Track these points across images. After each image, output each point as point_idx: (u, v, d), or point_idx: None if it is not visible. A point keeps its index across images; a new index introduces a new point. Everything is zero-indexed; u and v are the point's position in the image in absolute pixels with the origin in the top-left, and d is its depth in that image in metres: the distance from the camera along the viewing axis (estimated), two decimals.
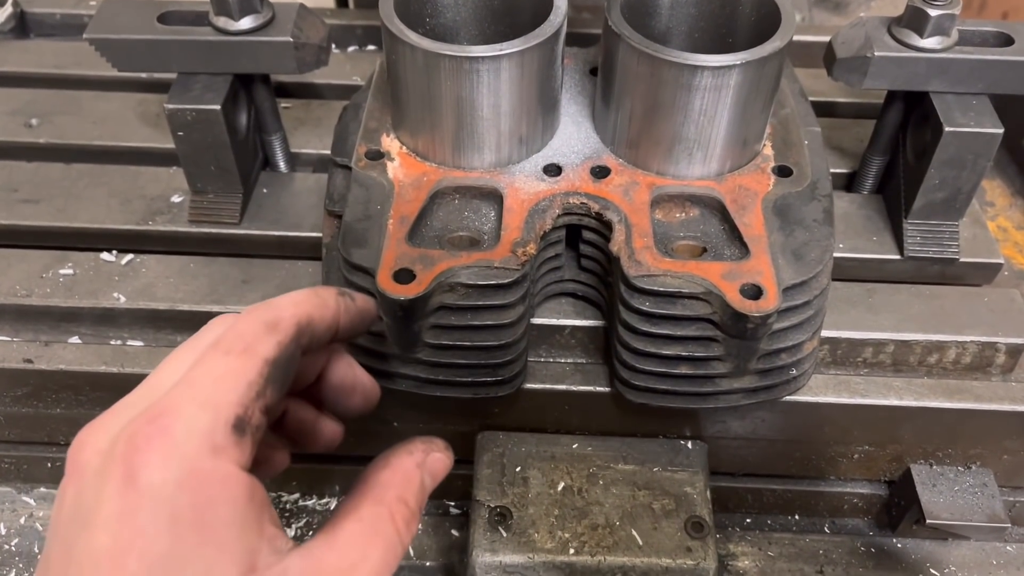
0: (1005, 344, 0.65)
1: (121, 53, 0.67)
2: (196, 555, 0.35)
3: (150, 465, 0.35)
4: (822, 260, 0.58)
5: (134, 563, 0.34)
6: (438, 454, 0.47)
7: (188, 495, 0.35)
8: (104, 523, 0.35)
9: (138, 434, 0.36)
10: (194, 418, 0.36)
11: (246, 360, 0.39)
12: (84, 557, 0.35)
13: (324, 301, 0.44)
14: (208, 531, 0.35)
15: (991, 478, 0.66)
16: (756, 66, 0.57)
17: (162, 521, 0.35)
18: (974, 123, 0.64)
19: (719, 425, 0.66)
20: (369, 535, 0.41)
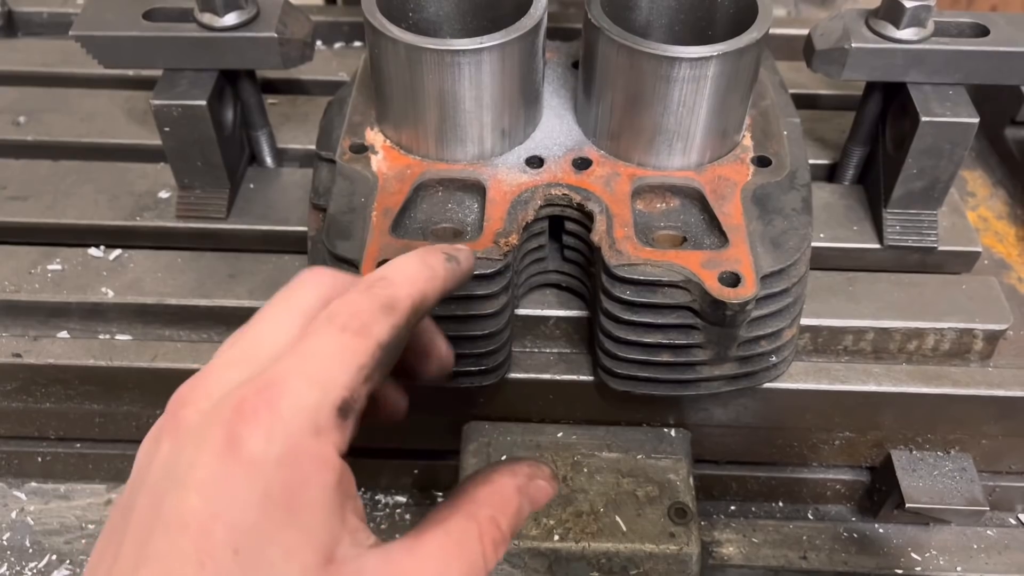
0: (983, 330, 0.66)
1: (107, 50, 0.68)
2: (280, 534, 0.35)
3: (254, 436, 0.35)
4: (800, 248, 0.58)
5: (221, 531, 0.34)
6: (543, 482, 0.45)
7: (285, 472, 0.35)
8: (199, 485, 0.34)
9: (245, 402, 0.35)
10: (303, 395, 0.36)
11: (361, 341, 0.38)
12: (172, 516, 0.34)
13: (435, 272, 0.43)
14: (296, 512, 0.35)
15: (970, 463, 0.67)
16: (734, 57, 0.58)
17: (256, 494, 0.34)
18: (950, 113, 0.65)
19: (702, 413, 0.66)
20: (454, 550, 0.39)
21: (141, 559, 0.34)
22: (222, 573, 0.33)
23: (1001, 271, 0.79)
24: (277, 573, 0.34)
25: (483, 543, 0.40)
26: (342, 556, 0.36)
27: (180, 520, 0.34)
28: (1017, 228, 0.83)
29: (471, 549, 0.40)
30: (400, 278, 0.41)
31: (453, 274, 0.44)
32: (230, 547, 0.34)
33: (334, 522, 0.36)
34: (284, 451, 0.35)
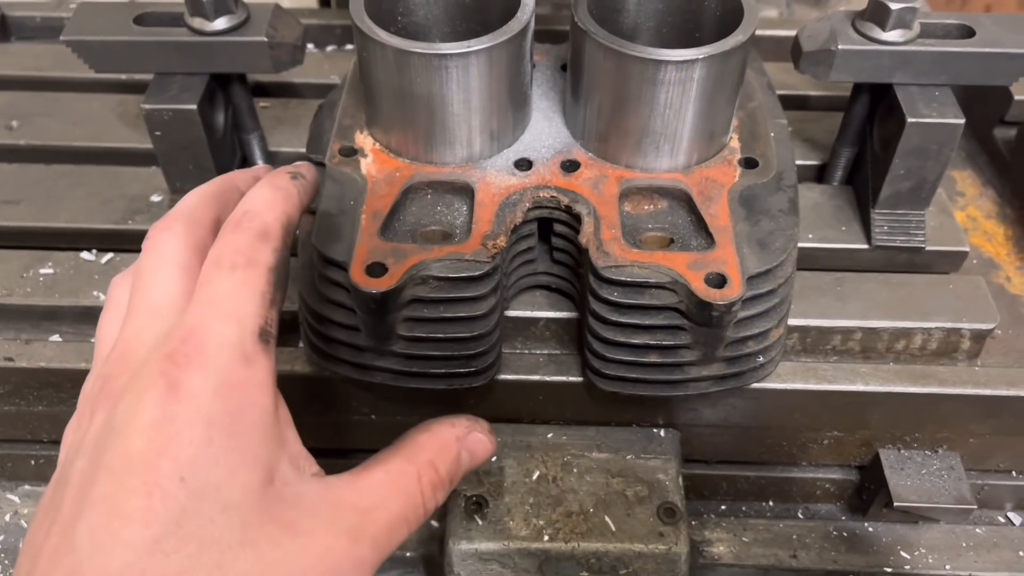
0: (970, 330, 0.67)
1: (98, 54, 0.68)
2: (223, 458, 0.37)
3: (189, 376, 0.37)
4: (786, 249, 0.59)
5: (167, 464, 0.36)
6: (480, 435, 0.49)
7: (223, 401, 0.37)
8: (140, 429, 0.36)
9: (176, 352, 0.38)
10: (224, 333, 0.39)
11: (252, 272, 0.41)
12: (115, 462, 0.36)
13: (288, 192, 0.46)
14: (236, 436, 0.37)
15: (958, 461, 0.68)
16: (720, 60, 0.58)
17: (198, 425, 0.37)
18: (937, 114, 0.66)
19: (691, 413, 0.67)
20: (393, 486, 0.42)
21: (84, 503, 0.36)
22: (169, 499, 0.35)
23: (990, 270, 0.79)
24: (221, 494, 0.36)
25: (421, 483, 0.43)
26: (282, 478, 0.39)
27: (125, 462, 0.36)
28: (1006, 227, 0.83)
29: (409, 487, 0.43)
30: (262, 207, 0.44)
31: (304, 189, 0.48)
32: (176, 476, 0.36)
33: (273, 444, 0.39)
34: (220, 382, 0.38)
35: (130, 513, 0.35)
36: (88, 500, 0.36)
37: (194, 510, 0.36)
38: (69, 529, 0.36)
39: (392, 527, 0.41)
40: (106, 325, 0.45)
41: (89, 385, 0.43)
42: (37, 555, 0.37)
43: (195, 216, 0.45)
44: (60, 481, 0.39)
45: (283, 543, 0.37)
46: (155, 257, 0.43)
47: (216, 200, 0.47)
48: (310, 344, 0.63)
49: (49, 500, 0.39)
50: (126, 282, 0.45)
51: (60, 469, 0.40)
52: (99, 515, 0.35)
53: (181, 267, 0.43)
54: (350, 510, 0.40)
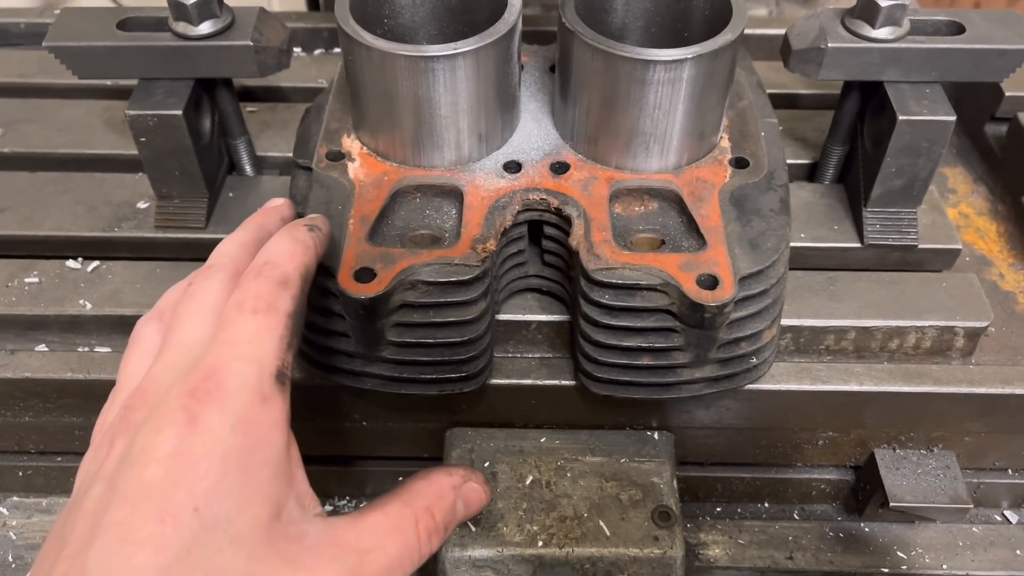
0: (963, 328, 0.66)
1: (81, 60, 0.67)
2: (236, 492, 0.38)
3: (209, 411, 0.39)
4: (778, 249, 0.58)
5: (182, 494, 0.37)
6: (475, 485, 0.51)
7: (240, 437, 0.39)
8: (158, 459, 0.38)
9: (197, 388, 0.40)
10: (244, 373, 0.40)
11: (272, 317, 0.43)
12: (131, 489, 0.38)
13: (306, 244, 0.49)
14: (250, 471, 0.39)
15: (953, 460, 0.67)
16: (708, 59, 0.58)
17: (214, 459, 0.38)
18: (927, 111, 0.65)
19: (685, 415, 0.66)
20: (390, 529, 0.44)
21: (98, 528, 0.37)
22: (182, 528, 0.37)
23: (982, 267, 0.79)
24: (231, 527, 0.38)
25: (418, 528, 0.45)
26: (288, 515, 0.41)
27: (140, 490, 0.37)
28: (997, 224, 0.83)
29: (407, 531, 0.45)
30: (282, 257, 0.47)
31: (320, 240, 0.51)
32: (190, 506, 0.37)
33: (282, 482, 0.41)
34: (238, 420, 0.39)
35: (142, 539, 0.36)
36: (102, 525, 0.37)
37: (204, 540, 0.37)
38: (81, 553, 0.37)
39: (389, 570, 0.43)
40: (132, 362, 0.47)
41: (109, 417, 0.44)
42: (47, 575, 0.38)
43: (236, 266, 0.48)
44: (73, 507, 0.40)
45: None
46: (195, 303, 0.45)
47: (254, 248, 0.49)
48: (300, 351, 0.62)
49: (61, 526, 0.40)
50: (152, 324, 0.48)
51: (74, 497, 0.41)
52: (112, 540, 0.36)
53: (215, 310, 0.45)
54: (350, 551, 0.42)
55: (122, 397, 0.44)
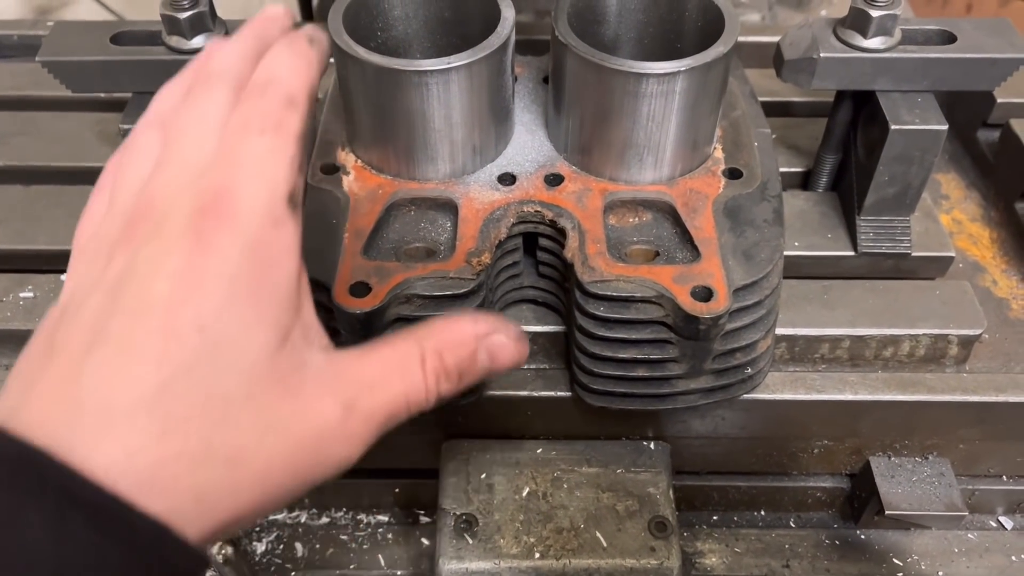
0: (957, 336, 0.67)
1: (74, 74, 0.67)
2: (242, 316, 0.37)
3: (220, 232, 0.37)
4: (772, 260, 0.59)
5: (188, 312, 0.36)
6: (504, 339, 0.46)
7: (249, 261, 0.38)
8: (165, 275, 0.36)
9: (207, 207, 0.38)
10: (255, 195, 0.39)
11: (282, 138, 0.41)
12: (135, 303, 0.36)
13: (309, 59, 0.45)
14: (259, 294, 0.38)
15: (948, 467, 0.68)
16: (701, 71, 0.58)
17: (223, 280, 0.37)
18: (919, 120, 0.65)
19: (680, 425, 0.67)
20: (395, 366, 0.42)
21: (97, 338, 0.36)
22: (185, 347, 0.35)
23: (976, 274, 0.79)
24: (235, 350, 0.37)
25: (424, 369, 0.43)
26: (293, 344, 0.39)
27: (145, 304, 0.36)
28: (991, 230, 0.83)
29: (412, 371, 0.42)
30: (287, 74, 0.43)
31: (320, 53, 0.47)
32: (195, 325, 0.36)
33: (291, 309, 0.39)
34: (249, 242, 0.38)
35: (143, 353, 0.35)
36: (101, 336, 0.36)
37: (207, 361, 0.36)
38: (76, 361, 0.35)
39: (390, 406, 0.41)
40: (129, 169, 0.43)
41: (105, 227, 0.41)
42: (32, 383, 0.36)
43: (239, 79, 0.43)
44: (67, 317, 0.38)
45: (283, 406, 0.38)
46: (198, 114, 0.42)
47: (254, 60, 0.45)
48: None
49: (50, 333, 0.38)
50: (153, 131, 0.44)
51: (66, 306, 0.39)
52: (111, 351, 0.35)
53: (222, 128, 0.41)
54: (351, 383, 0.41)
55: (120, 207, 0.41)
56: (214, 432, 0.36)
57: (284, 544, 0.72)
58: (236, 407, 0.36)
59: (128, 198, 0.41)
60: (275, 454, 0.38)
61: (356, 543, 0.72)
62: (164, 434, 0.34)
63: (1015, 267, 0.79)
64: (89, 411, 0.34)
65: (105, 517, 0.32)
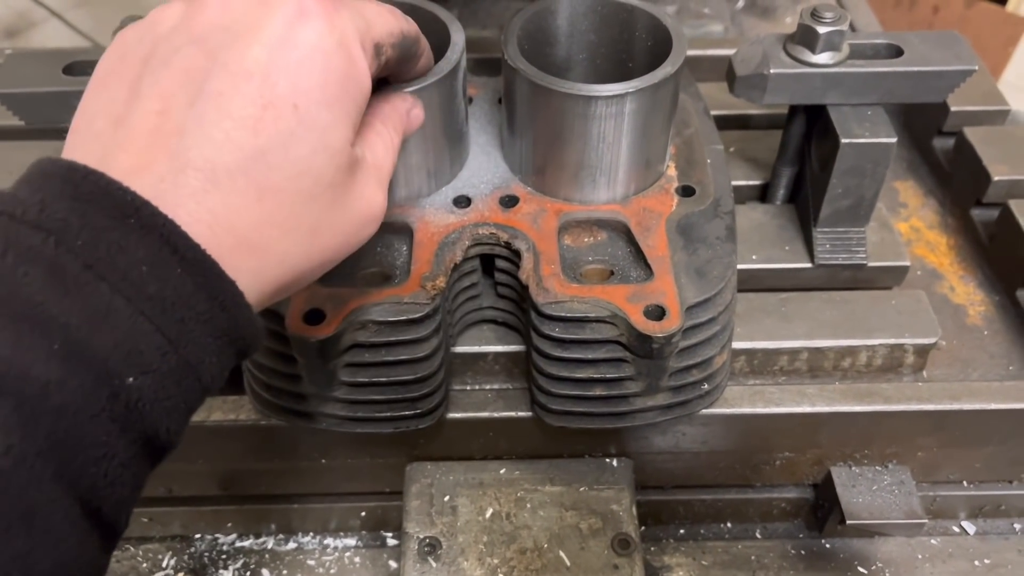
0: (912, 345, 0.68)
1: (28, 107, 0.67)
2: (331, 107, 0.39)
3: (319, 19, 0.39)
4: (724, 277, 0.59)
5: (284, 85, 0.38)
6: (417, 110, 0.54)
7: (340, 59, 0.39)
8: (267, 41, 0.38)
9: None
10: (355, 17, 0.41)
11: (394, 19, 0.45)
12: (234, 63, 0.37)
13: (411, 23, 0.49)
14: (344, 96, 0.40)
15: (908, 475, 0.68)
16: (650, 92, 0.58)
17: (317, 66, 0.39)
18: (869, 133, 0.66)
19: (642, 441, 0.67)
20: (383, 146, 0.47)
21: (196, 95, 0.37)
22: (281, 120, 0.37)
23: (934, 281, 0.80)
24: (325, 133, 0.39)
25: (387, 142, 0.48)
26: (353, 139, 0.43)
27: (243, 67, 0.37)
28: (948, 237, 0.84)
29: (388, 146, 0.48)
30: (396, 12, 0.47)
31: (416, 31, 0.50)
32: (291, 101, 0.38)
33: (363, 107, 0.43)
34: (340, 42, 0.40)
35: (242, 118, 0.37)
36: (201, 93, 0.37)
37: (299, 139, 0.38)
38: (172, 111, 0.36)
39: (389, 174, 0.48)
40: None
41: None
42: (120, 122, 0.37)
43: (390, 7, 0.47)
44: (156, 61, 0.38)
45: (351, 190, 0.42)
46: None
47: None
48: (253, 393, 0.62)
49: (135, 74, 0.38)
50: None
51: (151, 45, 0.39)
52: (211, 109, 0.36)
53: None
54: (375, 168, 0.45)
55: None
56: (302, 206, 0.39)
57: (251, 571, 0.72)
58: (320, 186, 0.40)
59: None
60: (342, 231, 0.42)
61: (323, 568, 0.72)
62: (260, 200, 0.37)
63: (972, 273, 0.81)
64: (193, 167, 0.36)
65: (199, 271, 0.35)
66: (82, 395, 0.31)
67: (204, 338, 0.35)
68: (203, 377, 0.35)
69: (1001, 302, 0.78)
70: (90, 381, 0.31)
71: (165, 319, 0.33)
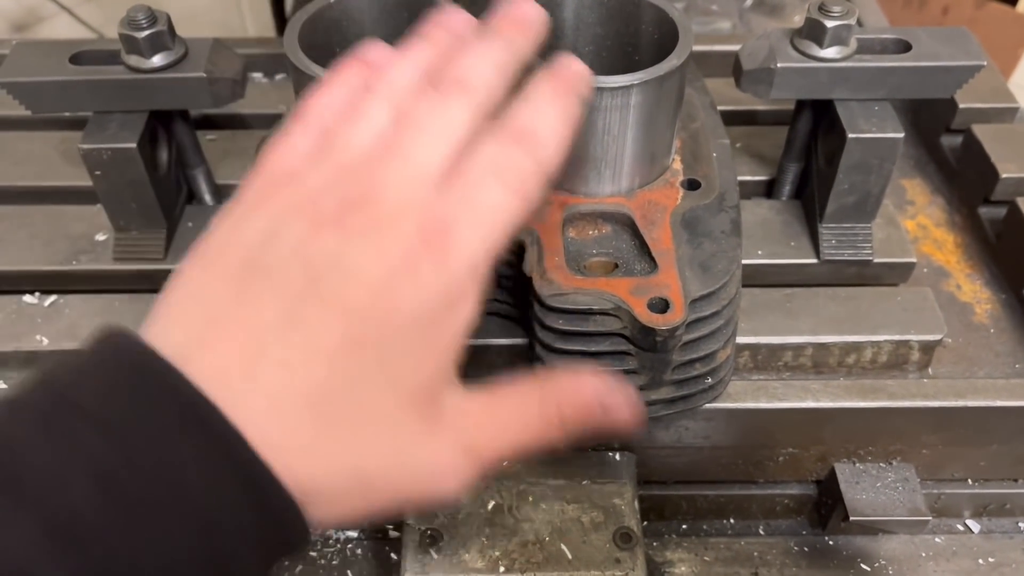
0: (918, 341, 0.67)
1: (34, 96, 0.67)
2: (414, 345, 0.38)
3: (427, 265, 0.38)
4: (729, 271, 0.59)
5: (375, 326, 0.37)
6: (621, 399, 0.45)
7: (440, 298, 0.38)
8: (368, 281, 0.37)
9: (427, 234, 0.38)
10: (471, 243, 0.39)
11: (520, 202, 0.40)
12: (333, 299, 0.37)
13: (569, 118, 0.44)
14: (434, 331, 0.39)
15: (912, 472, 0.68)
16: (655, 84, 0.58)
17: (414, 307, 0.38)
18: (876, 129, 0.66)
19: (645, 436, 0.67)
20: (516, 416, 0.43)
21: (288, 318, 0.37)
22: (362, 360, 0.37)
23: (940, 279, 0.80)
24: (402, 374, 0.38)
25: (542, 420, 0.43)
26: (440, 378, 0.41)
27: (341, 303, 0.37)
28: (955, 235, 0.84)
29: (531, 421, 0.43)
30: (550, 134, 0.42)
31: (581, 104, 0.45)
32: (377, 340, 0.37)
33: (453, 349, 0.41)
34: (448, 284, 0.38)
35: (324, 351, 0.36)
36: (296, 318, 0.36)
37: (373, 378, 0.37)
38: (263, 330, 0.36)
39: (503, 452, 0.43)
40: (353, 128, 0.41)
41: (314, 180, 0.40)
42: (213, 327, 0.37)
43: (492, 97, 0.42)
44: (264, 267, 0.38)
45: (418, 440, 0.39)
46: (439, 115, 0.41)
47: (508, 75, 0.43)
48: None
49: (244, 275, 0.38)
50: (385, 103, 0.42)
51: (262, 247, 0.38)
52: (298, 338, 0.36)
53: (459, 144, 0.40)
54: (474, 428, 0.42)
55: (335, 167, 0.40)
56: (359, 448, 0.38)
57: None
58: (383, 431, 0.38)
59: (347, 161, 0.40)
60: (399, 482, 0.40)
61: (325, 559, 0.72)
62: (317, 438, 0.36)
63: (979, 271, 0.80)
64: (262, 390, 0.35)
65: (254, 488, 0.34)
66: None
67: None
68: None
69: (1008, 300, 0.77)
70: None
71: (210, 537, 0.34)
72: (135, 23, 0.65)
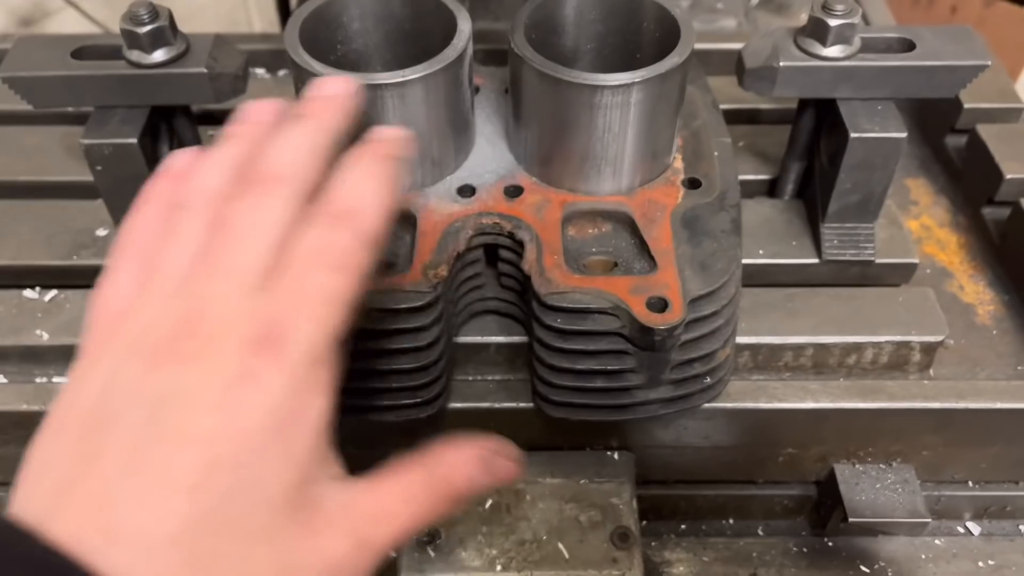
0: (919, 342, 0.67)
1: (36, 90, 0.67)
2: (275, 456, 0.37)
3: (266, 370, 0.37)
4: (729, 270, 0.59)
5: (228, 449, 0.36)
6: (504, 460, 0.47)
7: (290, 401, 0.37)
8: (210, 406, 0.36)
9: (261, 340, 0.37)
10: (309, 335, 0.38)
11: (350, 280, 0.40)
12: (178, 434, 0.36)
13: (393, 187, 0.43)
14: (293, 436, 0.38)
15: (912, 474, 0.68)
16: (657, 82, 0.58)
17: (264, 417, 0.37)
18: (879, 128, 0.66)
19: (644, 435, 0.67)
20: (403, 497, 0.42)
21: (137, 465, 0.36)
22: (221, 485, 0.35)
23: (943, 279, 0.79)
24: (264, 488, 0.37)
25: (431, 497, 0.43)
26: (312, 478, 0.39)
27: (187, 436, 0.36)
28: (959, 236, 0.83)
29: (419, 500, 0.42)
30: (371, 207, 0.41)
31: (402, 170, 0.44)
32: (233, 462, 0.36)
33: (317, 446, 0.39)
34: (293, 383, 0.37)
35: (180, 485, 0.35)
36: (142, 462, 0.35)
37: (237, 499, 0.36)
38: (113, 480, 0.35)
39: (396, 535, 0.42)
40: (169, 249, 0.40)
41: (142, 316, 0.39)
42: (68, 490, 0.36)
43: (307, 182, 0.41)
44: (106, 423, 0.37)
45: (300, 544, 0.38)
46: (259, 218, 0.40)
47: (325, 161, 0.42)
48: None
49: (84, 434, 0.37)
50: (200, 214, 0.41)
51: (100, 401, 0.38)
52: (150, 481, 0.35)
53: (278, 238, 0.39)
54: (361, 518, 0.41)
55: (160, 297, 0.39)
56: (242, 571, 0.36)
57: None
58: (259, 546, 0.37)
59: (169, 288, 0.39)
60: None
61: None
62: (194, 573, 0.35)
63: (982, 272, 0.80)
64: (123, 539, 0.34)
65: None
66: None
67: None
68: None
69: (1011, 301, 0.77)
70: None
71: None
72: (137, 18, 0.65)
